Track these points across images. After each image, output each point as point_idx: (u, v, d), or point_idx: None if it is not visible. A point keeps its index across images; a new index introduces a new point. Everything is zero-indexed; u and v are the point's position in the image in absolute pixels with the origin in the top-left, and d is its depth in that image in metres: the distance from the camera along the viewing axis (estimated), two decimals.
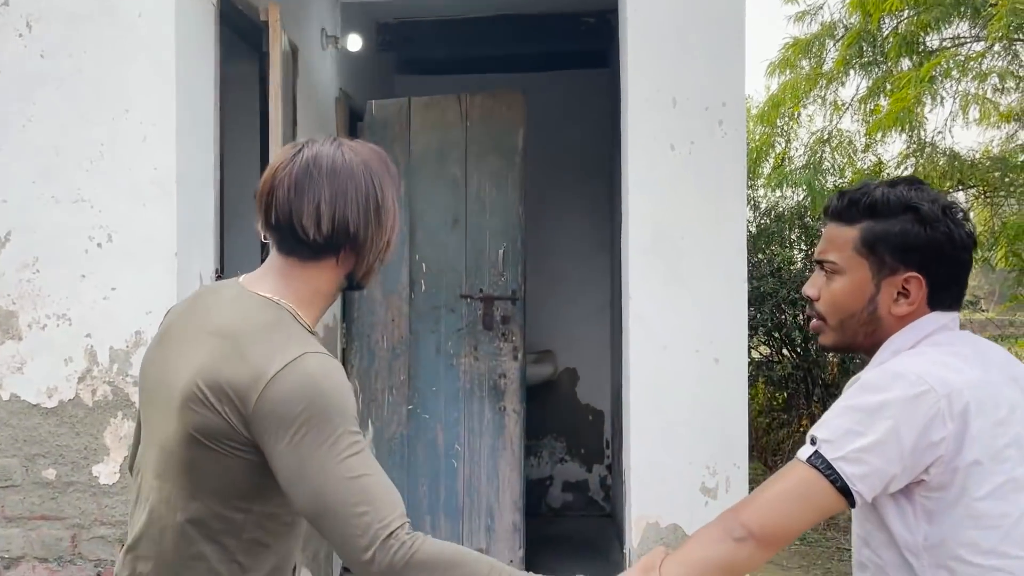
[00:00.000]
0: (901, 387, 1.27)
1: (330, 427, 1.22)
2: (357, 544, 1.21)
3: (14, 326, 2.36)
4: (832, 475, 1.26)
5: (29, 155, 2.36)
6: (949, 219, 1.36)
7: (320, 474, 1.22)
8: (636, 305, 2.27)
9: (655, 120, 2.26)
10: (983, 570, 1.27)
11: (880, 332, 1.40)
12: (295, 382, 1.23)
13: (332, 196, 1.31)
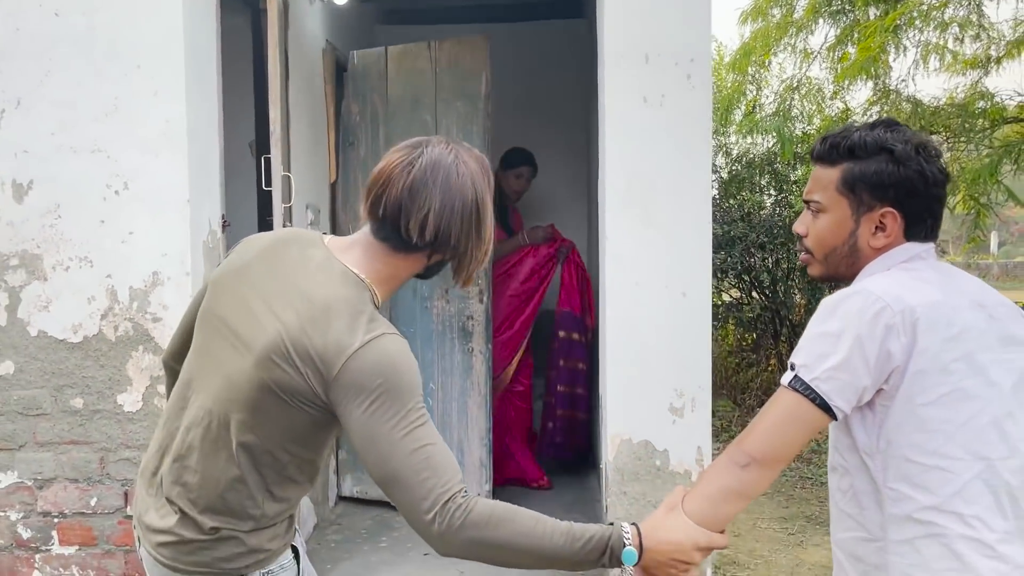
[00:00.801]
0: (859, 305, 1.38)
1: (400, 401, 1.34)
2: (421, 507, 1.32)
3: (39, 268, 2.54)
4: (812, 395, 1.36)
5: (47, 108, 2.51)
6: (922, 157, 1.44)
7: (389, 443, 1.33)
8: (612, 245, 2.49)
9: (629, 74, 2.45)
10: (925, 468, 1.37)
11: (860, 263, 1.51)
12: (375, 358, 1.33)
13: (441, 208, 1.39)
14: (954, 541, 1.37)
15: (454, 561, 3.44)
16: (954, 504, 1.37)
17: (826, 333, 1.39)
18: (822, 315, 1.41)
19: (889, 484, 1.40)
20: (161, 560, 1.47)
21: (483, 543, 1.34)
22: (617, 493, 2.49)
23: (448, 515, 1.32)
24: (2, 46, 2.51)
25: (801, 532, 5.02)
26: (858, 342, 1.35)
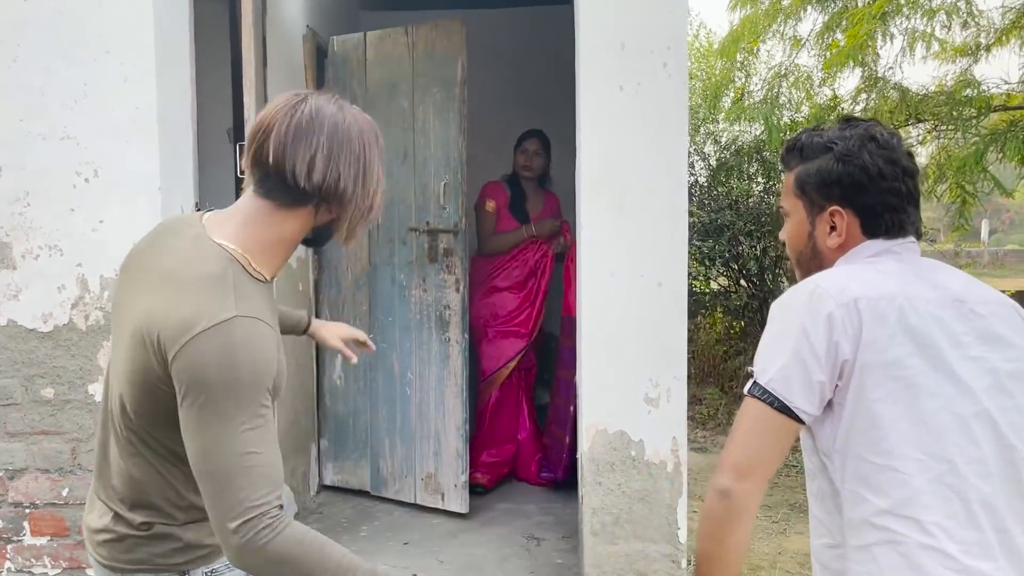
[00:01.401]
0: (802, 298, 1.34)
1: (234, 398, 1.24)
2: (228, 514, 1.24)
3: (8, 256, 2.51)
4: (769, 398, 1.30)
5: (15, 94, 2.48)
6: (867, 151, 1.40)
7: (213, 439, 1.24)
8: (587, 233, 2.47)
9: (605, 62, 2.43)
10: (879, 468, 1.29)
11: (825, 264, 1.47)
12: (214, 347, 1.24)
13: (329, 149, 1.33)
14: (912, 550, 1.28)
15: (434, 550, 3.45)
16: (910, 509, 1.28)
17: (775, 334, 1.36)
18: (770, 317, 1.39)
19: (846, 485, 1.33)
20: (101, 560, 1.44)
21: (278, 570, 1.27)
22: (592, 483, 2.48)
23: (252, 531, 1.24)
24: None
25: (784, 520, 5.03)
26: (803, 335, 1.31)
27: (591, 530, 2.48)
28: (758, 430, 1.32)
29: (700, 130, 8.67)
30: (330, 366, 4.17)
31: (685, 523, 2.49)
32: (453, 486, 3.71)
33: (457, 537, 3.62)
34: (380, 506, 3.98)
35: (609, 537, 2.47)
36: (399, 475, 3.93)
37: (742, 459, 1.31)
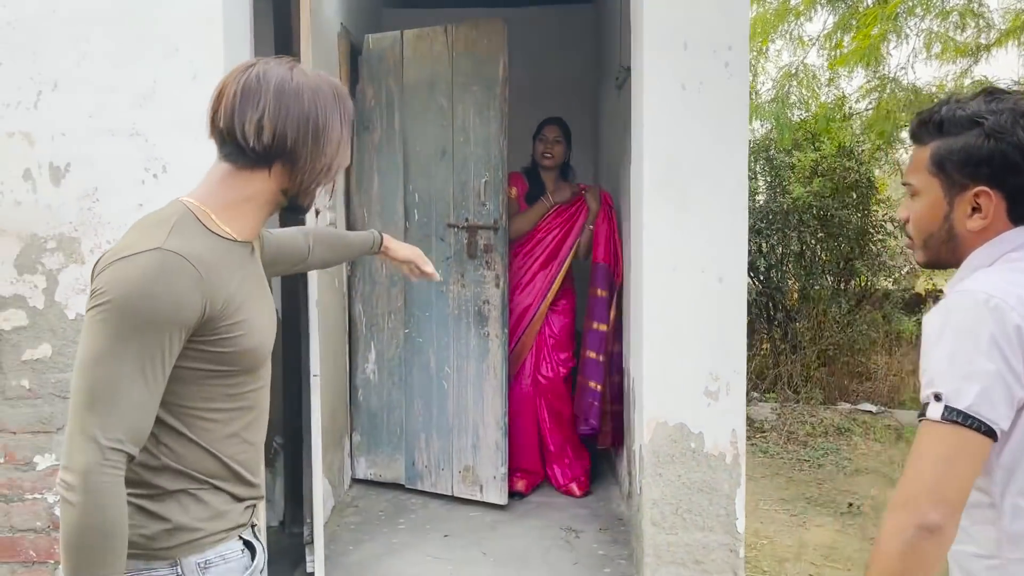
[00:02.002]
0: (982, 312, 1.25)
1: (131, 325, 1.22)
2: (75, 432, 1.22)
3: (77, 251, 2.54)
4: (974, 423, 1.21)
5: (85, 91, 2.50)
6: (1020, 128, 1.30)
7: (92, 357, 1.23)
8: (649, 231, 2.52)
9: (668, 62, 2.48)
10: None
11: (961, 248, 1.38)
12: (129, 270, 1.24)
13: (275, 111, 1.34)
14: None
15: (475, 542, 3.50)
16: None
17: (959, 351, 1.25)
18: (938, 332, 1.28)
19: (1007, 499, 1.28)
20: None
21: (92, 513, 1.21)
22: (652, 475, 2.53)
23: (105, 462, 1.21)
24: (37, 27, 2.49)
25: (803, 513, 5.11)
26: (998, 350, 1.22)
27: (651, 520, 2.54)
28: (962, 457, 1.22)
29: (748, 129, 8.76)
30: (363, 360, 4.21)
31: (743, 513, 2.55)
32: (492, 478, 3.77)
33: (496, 529, 3.67)
34: (415, 499, 4.03)
35: (669, 527, 2.53)
36: (435, 468, 3.98)
37: (949, 492, 1.21)
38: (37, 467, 2.58)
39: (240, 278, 1.37)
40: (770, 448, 6.79)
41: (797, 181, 7.29)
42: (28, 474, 2.58)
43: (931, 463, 1.22)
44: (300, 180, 1.39)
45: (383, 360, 4.15)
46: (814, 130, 7.33)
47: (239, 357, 1.33)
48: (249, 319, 1.35)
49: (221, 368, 1.32)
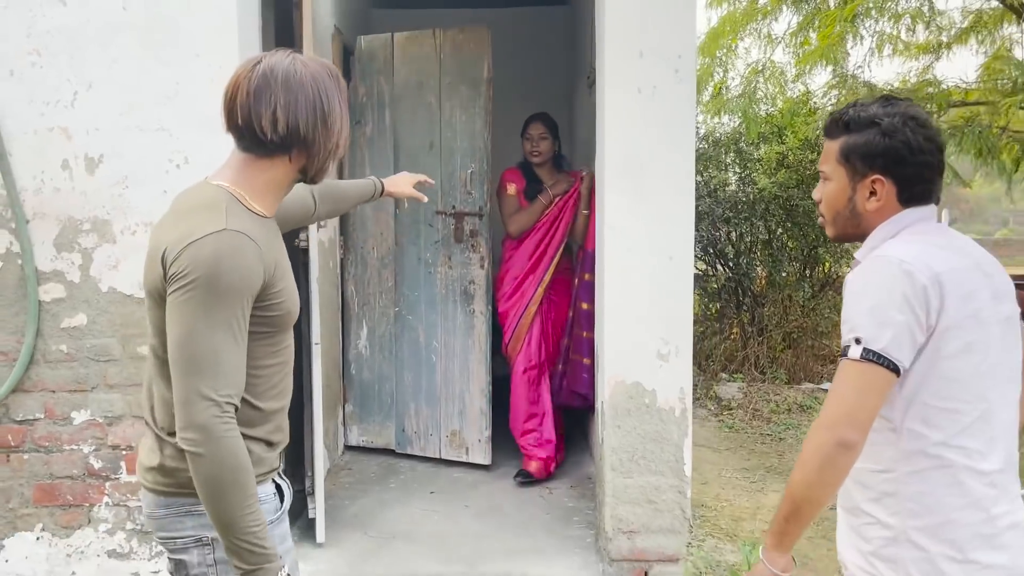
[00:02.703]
0: (892, 270, 1.50)
1: (214, 297, 1.39)
2: (201, 392, 1.39)
3: (109, 232, 2.88)
4: (885, 362, 1.47)
5: (115, 91, 2.84)
6: (908, 128, 1.56)
7: (189, 330, 1.39)
8: (609, 217, 2.90)
9: (626, 68, 2.85)
10: (939, 411, 1.52)
11: (863, 224, 1.64)
12: (203, 251, 1.39)
13: (287, 102, 1.47)
14: (959, 472, 1.52)
15: (459, 497, 3.87)
16: (960, 440, 1.52)
17: (877, 305, 1.50)
18: (859, 290, 1.54)
19: (907, 425, 1.54)
20: (148, 486, 1.59)
21: (227, 460, 1.40)
22: (612, 427, 2.92)
23: (216, 419, 1.39)
24: (74, 35, 2.82)
25: (761, 481, 5.51)
26: (908, 305, 1.48)
27: (611, 466, 2.93)
28: (872, 388, 1.48)
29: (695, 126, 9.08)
30: (355, 337, 4.56)
31: (690, 459, 2.93)
32: (477, 441, 4.14)
33: (478, 488, 4.05)
34: (404, 462, 4.40)
35: (626, 471, 2.92)
36: (424, 433, 4.35)
37: (863, 415, 1.48)
38: (74, 422, 2.93)
39: (276, 248, 1.56)
40: (736, 424, 7.19)
41: (764, 172, 7.64)
42: (66, 428, 2.93)
43: (850, 393, 1.49)
44: (315, 160, 1.56)
45: (374, 336, 4.50)
46: (780, 124, 7.67)
47: (281, 318, 1.57)
48: (286, 284, 1.59)
49: (267, 329, 1.55)
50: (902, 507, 1.55)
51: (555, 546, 3.28)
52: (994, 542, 1.54)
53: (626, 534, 2.93)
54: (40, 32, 2.81)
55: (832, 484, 1.51)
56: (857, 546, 1.64)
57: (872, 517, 1.60)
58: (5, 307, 2.88)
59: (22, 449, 2.93)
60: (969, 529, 1.53)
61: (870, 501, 1.60)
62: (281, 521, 1.67)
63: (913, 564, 1.54)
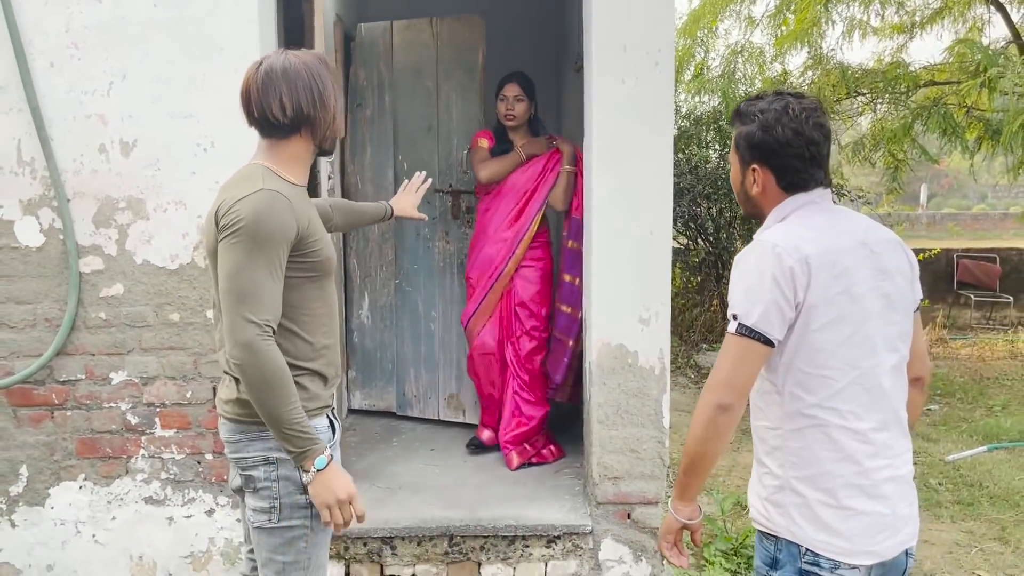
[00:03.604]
0: (767, 256, 1.67)
1: (257, 242, 1.73)
2: (246, 316, 1.73)
3: (143, 210, 3.16)
4: (756, 335, 1.65)
5: (147, 82, 3.10)
6: (780, 125, 1.72)
7: (236, 266, 1.73)
8: (597, 197, 3.20)
9: (611, 61, 3.14)
10: (813, 376, 1.69)
11: (758, 205, 1.82)
12: (246, 205, 1.76)
13: (289, 91, 1.84)
14: (832, 430, 1.70)
15: (456, 454, 4.20)
16: (833, 403, 1.69)
17: (750, 284, 1.68)
18: (739, 272, 1.72)
19: (786, 388, 1.72)
20: (226, 416, 1.96)
21: (263, 367, 1.74)
22: (599, 384, 3.25)
23: (258, 336, 1.74)
24: (110, 30, 3.08)
25: (737, 441, 5.87)
26: (776, 285, 1.64)
27: (597, 419, 3.26)
28: (747, 358, 1.67)
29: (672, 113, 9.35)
30: (357, 308, 4.87)
31: (668, 413, 3.27)
32: (473, 403, 4.47)
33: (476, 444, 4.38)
34: (404, 424, 4.72)
35: (611, 424, 3.25)
36: (423, 397, 4.67)
37: (739, 381, 1.67)
38: (112, 382, 3.23)
39: (308, 208, 1.95)
40: None
41: None
42: (105, 387, 3.23)
43: (728, 362, 1.69)
44: (320, 132, 1.92)
45: (376, 307, 4.81)
46: None
47: (322, 263, 1.94)
48: (321, 236, 1.95)
49: (313, 273, 1.92)
50: (786, 459, 1.74)
51: (547, 494, 3.63)
52: (871, 492, 1.71)
53: (611, 480, 3.27)
54: (78, 27, 3.08)
55: (715, 440, 1.70)
56: (757, 492, 1.85)
57: (766, 467, 1.80)
58: (49, 278, 3.16)
59: (65, 407, 3.23)
60: (842, 479, 1.71)
61: (765, 454, 1.81)
62: (335, 450, 2.00)
63: (795, 508, 1.73)
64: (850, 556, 1.71)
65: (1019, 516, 4.48)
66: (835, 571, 1.72)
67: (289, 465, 1.91)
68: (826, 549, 1.71)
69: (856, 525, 1.71)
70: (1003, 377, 7.86)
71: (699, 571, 3.71)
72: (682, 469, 1.80)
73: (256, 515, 1.96)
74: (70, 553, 3.29)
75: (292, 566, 1.97)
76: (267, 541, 1.96)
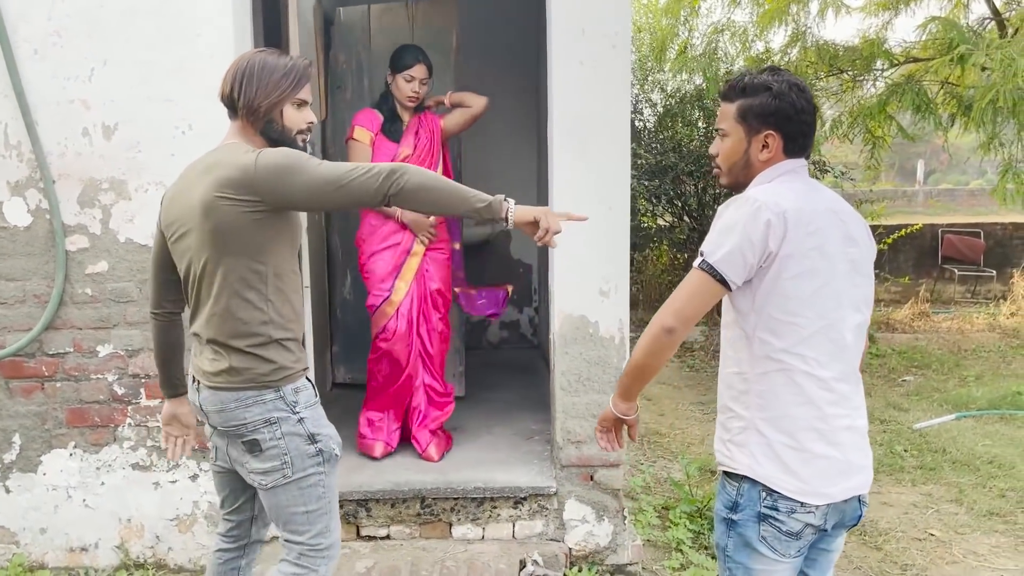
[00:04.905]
0: (747, 208, 1.79)
1: (306, 160, 1.96)
2: (375, 182, 1.93)
3: (125, 190, 3.31)
4: (714, 272, 1.78)
5: (129, 66, 3.24)
6: (793, 93, 1.86)
7: (321, 177, 1.94)
8: (558, 173, 3.35)
9: (571, 44, 3.28)
10: (782, 323, 1.81)
11: (752, 172, 1.93)
12: (271, 154, 1.97)
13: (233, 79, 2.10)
14: (796, 375, 1.82)
15: None
16: (799, 349, 1.81)
17: (723, 228, 1.81)
18: (720, 216, 1.84)
19: (756, 333, 1.83)
20: (217, 386, 2.07)
21: (423, 188, 1.96)
22: (561, 353, 3.41)
23: (395, 178, 1.95)
24: (91, 17, 3.22)
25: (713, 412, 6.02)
26: (745, 233, 1.77)
27: (560, 386, 3.43)
28: (701, 292, 1.81)
29: (648, 80, 9.45)
30: (340, 285, 5.03)
31: None
32: (452, 375, 4.63)
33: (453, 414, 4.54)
34: None
35: (574, 391, 3.42)
36: None
37: (688, 311, 1.82)
38: (99, 354, 3.40)
39: None
40: (696, 364, 7.73)
41: None
42: (92, 360, 3.40)
43: (684, 292, 1.83)
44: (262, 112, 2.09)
45: (358, 283, 4.94)
46: None
47: (295, 232, 2.13)
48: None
49: (291, 241, 2.10)
50: (752, 401, 1.86)
51: (517, 458, 3.80)
52: (829, 438, 1.84)
53: (574, 444, 3.45)
54: (60, 15, 3.22)
55: (656, 356, 1.88)
56: (721, 436, 1.98)
57: (733, 411, 1.93)
58: (37, 256, 3.32)
59: (55, 378, 3.40)
60: (803, 422, 1.83)
61: (731, 399, 1.93)
62: (319, 405, 2.19)
63: (757, 447, 1.86)
64: (804, 495, 1.83)
65: (978, 479, 4.65)
66: (792, 515, 1.84)
67: (290, 422, 2.07)
68: (783, 487, 1.84)
69: (813, 467, 1.83)
70: (980, 349, 8.02)
71: (664, 531, 3.89)
72: (625, 373, 1.97)
73: (267, 476, 2.09)
74: (62, 517, 3.47)
75: (315, 513, 2.13)
76: (285, 498, 2.10)
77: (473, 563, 3.28)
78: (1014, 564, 3.64)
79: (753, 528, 1.88)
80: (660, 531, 3.91)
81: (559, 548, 3.42)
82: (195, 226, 2.02)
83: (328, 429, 2.18)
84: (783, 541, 1.87)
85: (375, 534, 3.50)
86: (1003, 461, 4.90)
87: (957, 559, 3.69)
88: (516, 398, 4.85)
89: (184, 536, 3.48)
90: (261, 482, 2.11)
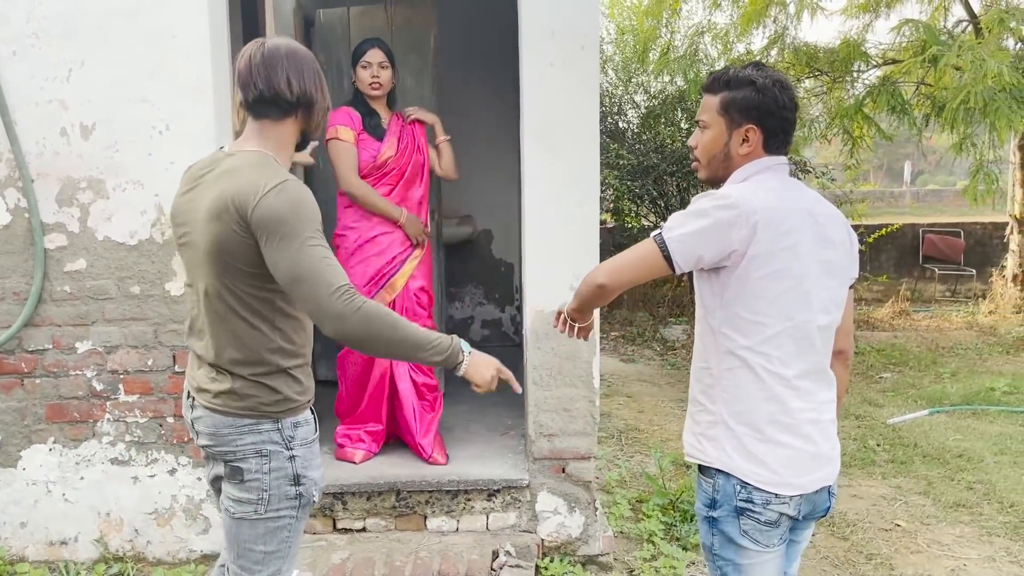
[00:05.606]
0: (718, 203, 1.79)
1: (302, 230, 1.73)
2: (327, 291, 1.71)
3: (103, 189, 3.37)
4: (664, 249, 1.79)
5: (106, 67, 3.30)
6: (776, 89, 1.86)
7: (297, 255, 1.72)
8: (529, 171, 3.42)
9: (541, 46, 3.35)
10: (748, 321, 1.82)
11: (731, 166, 1.92)
12: (278, 199, 1.73)
13: (296, 71, 1.84)
14: (759, 371, 1.84)
15: None
16: (763, 348, 1.84)
17: (690, 213, 1.83)
18: (694, 202, 1.86)
19: (722, 329, 1.86)
20: (215, 408, 1.93)
21: (373, 321, 1.75)
22: (534, 348, 3.48)
23: (349, 297, 1.73)
24: (68, 18, 3.27)
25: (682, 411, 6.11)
26: (708, 226, 1.78)
27: (533, 381, 3.50)
28: (645, 262, 1.84)
29: (632, 81, 9.53)
30: None
31: (598, 374, 3.51)
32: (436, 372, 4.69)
33: None
34: None
35: (546, 385, 3.49)
36: None
37: (625, 275, 1.87)
38: (78, 351, 3.45)
39: None
40: (677, 362, 7.80)
41: None
42: (71, 356, 3.45)
43: (629, 256, 1.87)
44: (315, 118, 1.92)
45: None
46: None
47: None
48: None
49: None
50: (719, 396, 1.90)
51: (492, 452, 3.87)
52: (794, 430, 1.88)
53: (546, 437, 3.52)
54: (39, 17, 3.27)
55: (589, 301, 1.97)
56: (691, 429, 2.02)
57: (701, 405, 1.97)
58: (16, 254, 3.38)
59: (34, 375, 3.45)
60: (767, 415, 1.86)
61: (700, 392, 1.97)
62: (316, 442, 2.07)
63: (727, 441, 1.89)
64: (776, 486, 1.87)
65: (946, 472, 4.75)
66: (767, 506, 1.88)
67: (281, 457, 1.94)
68: (754, 478, 1.87)
69: (781, 456, 1.87)
70: (957, 346, 8.13)
71: (636, 523, 3.96)
72: (574, 299, 2.03)
73: (239, 506, 1.97)
74: (42, 511, 3.52)
75: (273, 555, 2.00)
76: (249, 532, 1.97)
77: (446, 554, 3.35)
78: (976, 553, 3.72)
79: (733, 524, 1.92)
80: (633, 523, 3.98)
81: (531, 539, 3.49)
82: (199, 235, 1.88)
83: (315, 473, 2.03)
84: (764, 532, 1.91)
85: (351, 527, 3.56)
86: (972, 455, 4.99)
87: (921, 548, 3.78)
88: (493, 395, 4.83)
89: (163, 530, 3.54)
90: (230, 508, 1.99)
